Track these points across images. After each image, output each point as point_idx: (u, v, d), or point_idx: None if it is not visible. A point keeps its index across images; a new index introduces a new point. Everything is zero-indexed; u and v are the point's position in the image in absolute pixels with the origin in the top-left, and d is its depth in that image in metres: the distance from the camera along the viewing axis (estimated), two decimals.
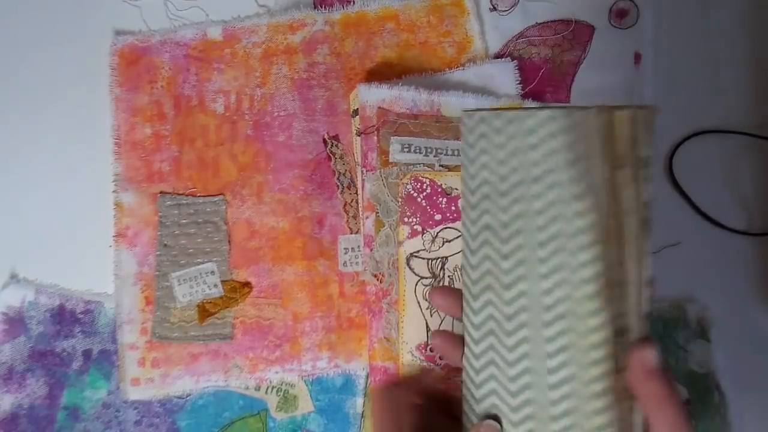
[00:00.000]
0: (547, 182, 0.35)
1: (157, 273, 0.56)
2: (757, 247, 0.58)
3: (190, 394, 0.56)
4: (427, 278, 0.54)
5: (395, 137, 0.54)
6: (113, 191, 0.57)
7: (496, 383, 0.38)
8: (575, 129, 0.35)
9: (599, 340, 0.35)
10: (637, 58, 0.58)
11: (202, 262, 0.56)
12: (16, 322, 0.56)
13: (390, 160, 0.54)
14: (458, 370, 0.50)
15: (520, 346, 0.37)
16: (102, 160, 0.57)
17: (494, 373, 0.38)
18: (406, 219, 0.54)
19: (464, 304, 0.39)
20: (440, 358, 0.54)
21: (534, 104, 0.57)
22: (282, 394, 0.56)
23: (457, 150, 0.55)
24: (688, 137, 0.58)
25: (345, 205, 0.57)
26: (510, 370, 0.37)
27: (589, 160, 0.35)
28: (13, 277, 0.57)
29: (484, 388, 0.39)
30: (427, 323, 0.54)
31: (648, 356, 0.37)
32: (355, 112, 0.55)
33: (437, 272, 0.54)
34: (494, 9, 0.59)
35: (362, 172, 0.55)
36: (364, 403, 0.56)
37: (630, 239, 0.36)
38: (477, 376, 0.39)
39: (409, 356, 0.54)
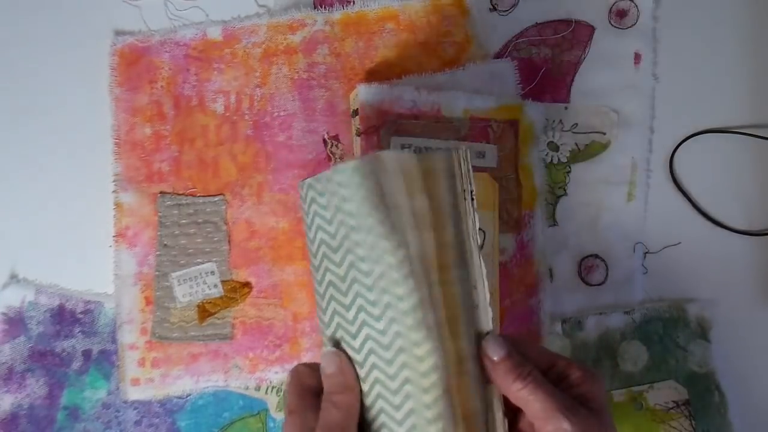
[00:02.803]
0: (364, 228, 0.38)
1: (157, 273, 0.56)
2: (757, 247, 0.58)
3: (190, 394, 0.56)
4: None
5: (395, 137, 0.54)
6: (113, 191, 0.57)
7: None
8: (373, 174, 0.38)
9: (429, 367, 0.37)
10: (637, 58, 0.58)
11: (202, 262, 0.56)
12: (16, 322, 0.56)
13: None
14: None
15: (374, 388, 0.38)
16: (102, 160, 0.57)
17: (366, 417, 0.39)
18: None
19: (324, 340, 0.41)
20: None
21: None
22: (282, 394, 0.56)
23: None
24: (688, 137, 0.58)
25: None
26: (369, 412, 0.39)
27: (391, 199, 0.38)
28: (13, 277, 0.57)
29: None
30: None
31: (490, 347, 0.39)
32: (355, 112, 0.55)
33: None
34: (494, 9, 0.59)
35: None
36: None
37: (474, 261, 0.39)
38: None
39: None
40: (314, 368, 0.41)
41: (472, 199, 0.40)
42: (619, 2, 0.59)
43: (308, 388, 0.40)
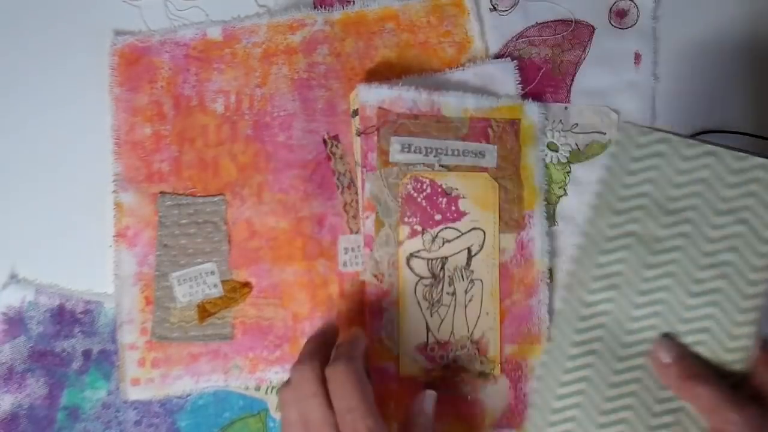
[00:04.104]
0: (733, 218, 0.39)
1: (157, 273, 0.56)
2: None
3: (190, 394, 0.56)
4: (427, 278, 0.54)
5: (395, 137, 0.54)
6: (113, 191, 0.57)
7: (594, 372, 0.41)
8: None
9: (735, 359, 0.39)
10: (637, 58, 0.58)
11: (202, 262, 0.56)
12: (16, 322, 0.56)
13: (390, 160, 0.54)
14: (463, 370, 0.51)
15: (639, 345, 0.40)
16: (102, 160, 0.57)
17: (595, 362, 0.41)
18: (406, 219, 0.54)
19: (567, 294, 0.42)
20: (441, 358, 0.54)
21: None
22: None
23: (458, 150, 0.55)
24: (688, 137, 0.58)
25: (345, 205, 0.57)
26: (617, 363, 0.40)
27: None
28: (13, 277, 0.57)
29: (571, 399, 0.42)
30: (427, 323, 0.54)
31: (658, 351, 0.39)
32: (355, 112, 0.55)
33: (437, 272, 0.54)
34: (494, 9, 0.59)
35: (362, 172, 0.55)
36: None
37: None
38: (568, 363, 0.42)
39: (409, 356, 0.54)
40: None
41: None
42: (619, 2, 0.59)
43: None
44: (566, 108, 0.58)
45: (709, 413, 0.38)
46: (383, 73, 0.57)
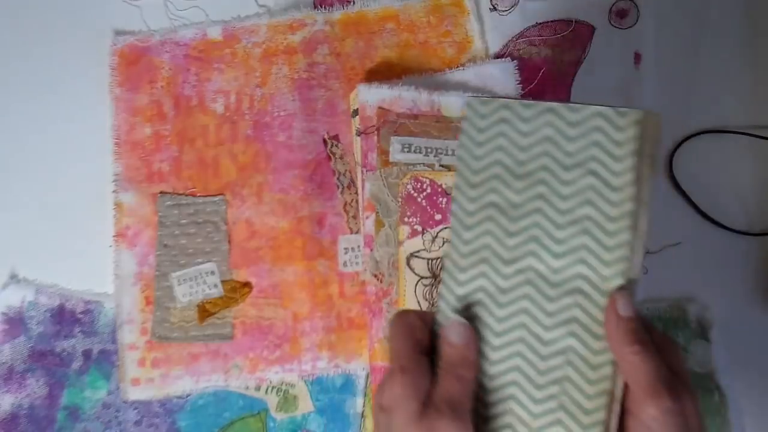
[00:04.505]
0: (581, 171, 0.38)
1: (157, 273, 0.56)
2: (757, 247, 0.58)
3: (190, 394, 0.56)
4: (427, 278, 0.54)
5: (395, 137, 0.54)
6: (113, 191, 0.57)
7: (482, 358, 0.40)
8: (639, 128, 0.38)
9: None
10: (637, 58, 0.58)
11: (202, 262, 0.56)
12: (16, 322, 0.56)
13: (390, 160, 0.54)
14: None
15: (515, 316, 0.39)
16: (102, 160, 0.57)
17: (480, 344, 0.40)
18: (406, 219, 0.54)
19: (445, 277, 0.41)
20: None
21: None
22: (282, 394, 0.56)
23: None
24: (688, 137, 0.58)
25: (345, 205, 0.57)
26: (497, 339, 0.39)
27: (634, 158, 0.37)
28: (13, 277, 0.57)
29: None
30: None
31: (622, 302, 0.38)
32: (355, 112, 0.55)
33: (437, 272, 0.54)
34: (494, 9, 0.59)
35: (362, 172, 0.55)
36: (364, 403, 0.56)
37: (641, 230, 0.39)
38: None
39: None
40: (425, 320, 0.40)
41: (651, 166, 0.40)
42: (619, 2, 0.59)
43: (421, 345, 0.39)
44: None
45: (643, 393, 0.36)
46: (383, 73, 0.57)
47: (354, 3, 0.58)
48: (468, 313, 0.40)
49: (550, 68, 0.58)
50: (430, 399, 0.37)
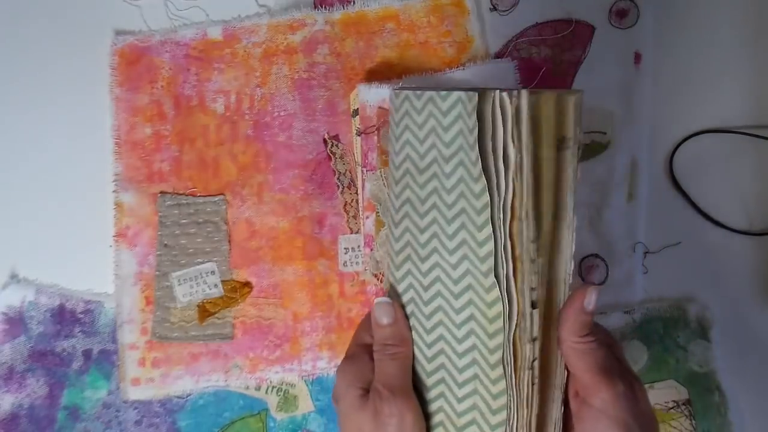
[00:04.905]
0: (456, 161, 0.37)
1: (157, 273, 0.56)
2: (757, 247, 0.58)
3: (190, 394, 0.56)
4: None
5: None
6: (113, 191, 0.57)
7: (416, 348, 0.40)
8: (478, 110, 0.36)
9: (496, 314, 0.37)
10: (637, 58, 0.58)
11: (202, 262, 0.56)
12: (16, 322, 0.56)
13: None
14: None
15: (435, 314, 0.39)
16: (102, 160, 0.57)
17: (415, 338, 0.40)
18: None
19: (387, 272, 0.41)
20: None
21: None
22: (282, 394, 0.56)
23: None
24: (688, 137, 0.58)
25: (345, 205, 0.57)
26: (426, 336, 0.39)
27: (488, 139, 0.36)
28: (13, 277, 0.57)
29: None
30: None
31: (589, 295, 0.38)
32: (355, 112, 0.55)
33: None
34: (494, 9, 0.59)
35: (362, 171, 0.55)
36: None
37: (565, 216, 0.38)
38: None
39: None
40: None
41: (579, 149, 0.38)
42: (619, 2, 0.59)
43: (366, 341, 0.41)
44: None
45: (595, 379, 0.37)
46: (383, 73, 0.57)
47: (354, 3, 0.58)
48: (407, 309, 0.40)
49: (550, 68, 0.58)
50: (372, 384, 0.38)
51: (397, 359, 0.39)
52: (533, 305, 0.38)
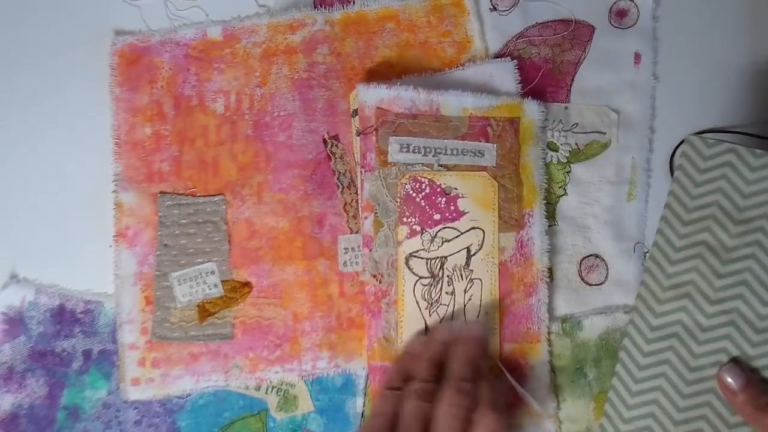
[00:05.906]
0: None
1: (157, 273, 0.56)
2: None
3: (190, 394, 0.56)
4: (425, 278, 0.54)
5: (394, 137, 0.54)
6: (113, 191, 0.57)
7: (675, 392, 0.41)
8: None
9: None
10: (637, 58, 0.58)
11: (202, 262, 0.56)
12: (16, 322, 0.56)
13: (389, 160, 0.54)
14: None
15: (712, 355, 0.40)
16: (102, 160, 0.57)
17: (664, 371, 0.41)
18: (404, 219, 0.54)
19: (640, 305, 0.42)
20: None
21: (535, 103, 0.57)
22: (282, 394, 0.56)
23: (457, 149, 0.55)
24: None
25: (345, 205, 0.57)
26: (691, 375, 0.40)
27: None
28: (13, 277, 0.57)
29: (646, 395, 0.42)
30: (425, 323, 0.54)
31: (724, 376, 0.39)
32: (355, 112, 0.55)
33: (436, 272, 0.54)
34: (494, 9, 0.59)
35: (361, 172, 0.55)
36: (364, 403, 0.56)
37: None
38: (640, 373, 0.42)
39: None
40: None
41: None
42: (619, 2, 0.58)
43: None
44: (566, 108, 0.58)
45: None
46: (383, 73, 0.57)
47: (354, 3, 0.58)
48: (662, 344, 0.40)
49: (550, 68, 0.58)
50: None
51: None
52: None
